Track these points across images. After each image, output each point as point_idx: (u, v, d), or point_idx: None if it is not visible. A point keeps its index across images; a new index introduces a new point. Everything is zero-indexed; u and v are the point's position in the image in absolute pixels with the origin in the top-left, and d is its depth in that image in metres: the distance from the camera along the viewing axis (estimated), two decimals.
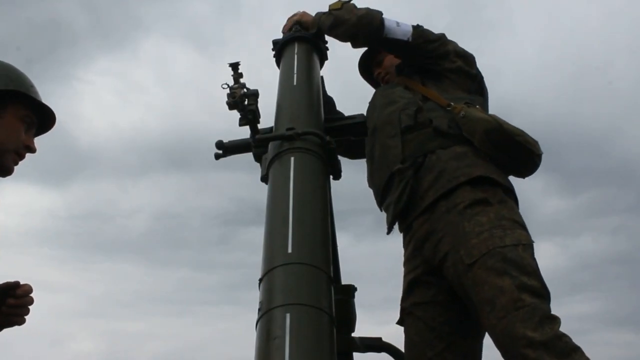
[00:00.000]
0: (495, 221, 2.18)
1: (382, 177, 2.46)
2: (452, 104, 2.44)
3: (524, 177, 2.48)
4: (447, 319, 2.25)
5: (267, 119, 2.53)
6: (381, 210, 2.55)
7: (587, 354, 2.00)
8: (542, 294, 2.06)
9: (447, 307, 2.26)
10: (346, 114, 2.74)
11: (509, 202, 2.28)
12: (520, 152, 2.36)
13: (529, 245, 2.16)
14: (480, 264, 2.07)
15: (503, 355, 2.00)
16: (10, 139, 1.74)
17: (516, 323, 1.93)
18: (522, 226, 2.23)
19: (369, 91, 3.05)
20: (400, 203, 2.35)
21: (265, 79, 2.93)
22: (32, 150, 1.80)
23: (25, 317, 1.72)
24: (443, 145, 2.38)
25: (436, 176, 2.31)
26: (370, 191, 2.77)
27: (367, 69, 3.01)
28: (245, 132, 2.52)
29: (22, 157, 1.80)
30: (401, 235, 2.58)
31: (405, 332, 2.37)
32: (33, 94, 1.78)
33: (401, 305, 2.40)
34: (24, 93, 1.76)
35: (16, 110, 1.76)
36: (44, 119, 1.87)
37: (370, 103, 2.73)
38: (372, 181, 2.58)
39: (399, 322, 2.42)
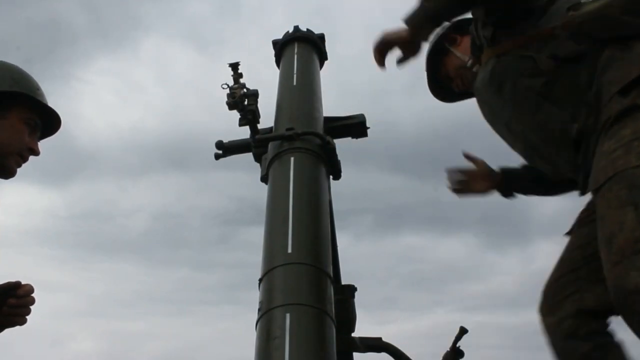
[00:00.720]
0: None
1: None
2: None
3: None
4: (595, 238, 1.74)
5: (267, 119, 2.54)
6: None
7: None
8: None
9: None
10: (346, 114, 2.75)
11: None
12: None
13: None
14: (603, 192, 1.58)
15: (618, 311, 1.58)
16: (13, 141, 1.73)
17: (631, 271, 1.45)
18: None
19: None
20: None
21: (265, 79, 2.93)
22: (36, 152, 1.79)
23: (27, 317, 1.70)
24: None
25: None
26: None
27: (441, 87, 2.47)
28: (245, 132, 2.52)
29: (25, 159, 1.79)
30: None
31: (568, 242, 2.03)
32: (38, 97, 1.76)
33: (579, 215, 2.01)
34: (28, 95, 1.74)
35: (20, 112, 1.75)
36: (49, 122, 1.85)
37: (481, 106, 2.14)
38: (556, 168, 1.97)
39: (568, 232, 2.04)
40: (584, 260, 1.91)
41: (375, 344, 2.39)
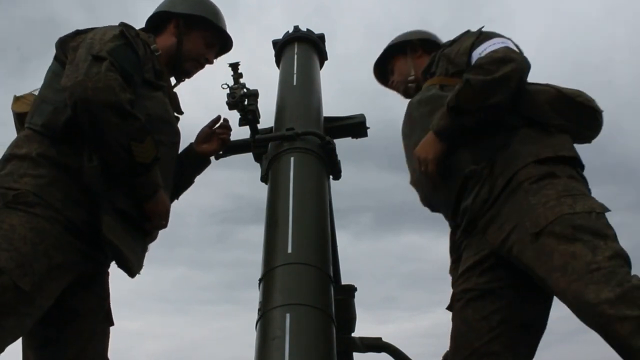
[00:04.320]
0: (564, 192, 1.98)
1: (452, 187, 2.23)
2: None
3: (590, 142, 2.29)
4: (498, 308, 2.08)
5: (267, 119, 2.54)
6: (455, 221, 2.26)
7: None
8: (623, 256, 1.86)
9: (500, 296, 2.10)
10: (346, 114, 2.75)
11: (579, 180, 2.09)
12: (584, 114, 2.18)
13: (602, 215, 1.95)
14: (547, 232, 1.89)
15: (580, 319, 1.82)
16: (194, 50, 2.33)
17: (589, 285, 1.77)
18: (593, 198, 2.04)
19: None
20: (476, 203, 2.12)
21: (265, 79, 2.93)
22: (210, 61, 2.40)
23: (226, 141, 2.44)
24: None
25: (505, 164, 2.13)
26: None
27: (382, 74, 2.78)
28: (245, 132, 2.52)
29: (201, 66, 2.38)
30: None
31: (453, 319, 2.20)
32: (217, 22, 2.39)
33: (454, 290, 2.21)
34: (209, 19, 2.37)
35: (202, 31, 2.35)
36: (225, 43, 2.48)
37: (406, 119, 2.42)
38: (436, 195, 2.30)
39: (449, 308, 2.24)
40: (494, 330, 2.06)
41: (375, 344, 2.39)
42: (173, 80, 2.36)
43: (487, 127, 2.15)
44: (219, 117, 2.46)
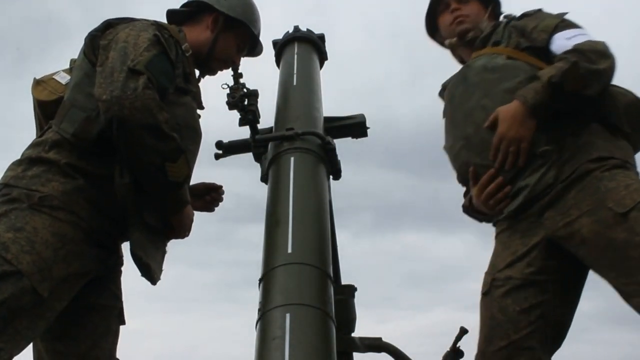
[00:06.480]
0: (638, 180, 2.00)
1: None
2: None
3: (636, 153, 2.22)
4: (539, 302, 2.05)
5: (267, 119, 2.54)
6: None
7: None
8: None
9: (543, 290, 2.05)
10: (346, 114, 2.75)
11: None
12: None
13: None
14: (637, 211, 1.88)
15: None
16: (225, 51, 2.36)
17: None
18: None
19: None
20: (540, 185, 2.06)
21: (265, 79, 2.93)
22: (236, 64, 2.42)
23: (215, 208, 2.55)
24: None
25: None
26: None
27: (433, 25, 2.66)
28: (245, 132, 2.53)
29: (226, 67, 2.41)
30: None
31: (488, 305, 2.14)
32: (254, 29, 2.42)
33: (493, 275, 2.14)
34: (247, 25, 2.39)
35: (238, 34, 2.39)
36: (253, 47, 2.52)
37: (459, 81, 2.37)
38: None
39: (486, 293, 2.16)
40: (532, 324, 2.02)
41: (375, 344, 2.39)
42: (196, 73, 2.32)
43: (561, 115, 2.08)
44: (219, 186, 2.54)
